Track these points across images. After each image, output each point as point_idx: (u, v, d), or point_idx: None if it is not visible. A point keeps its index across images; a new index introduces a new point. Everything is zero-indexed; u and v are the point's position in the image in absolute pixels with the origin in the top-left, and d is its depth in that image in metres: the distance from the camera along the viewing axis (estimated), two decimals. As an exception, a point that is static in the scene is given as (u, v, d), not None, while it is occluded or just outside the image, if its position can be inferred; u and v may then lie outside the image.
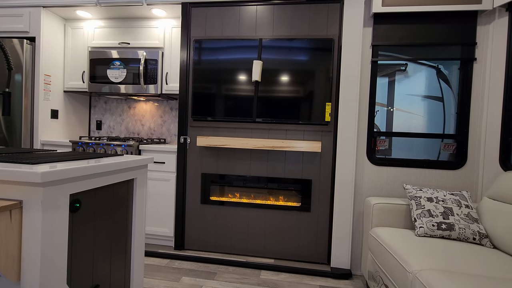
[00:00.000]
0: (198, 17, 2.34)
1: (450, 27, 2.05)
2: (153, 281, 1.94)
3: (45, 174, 0.80)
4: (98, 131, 3.14)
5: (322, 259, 2.26)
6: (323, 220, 2.25)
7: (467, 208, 1.68)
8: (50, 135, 2.69)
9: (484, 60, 2.02)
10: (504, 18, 1.90)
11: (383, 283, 1.55)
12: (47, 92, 2.62)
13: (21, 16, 2.53)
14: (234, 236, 2.36)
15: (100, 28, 2.71)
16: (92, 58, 2.65)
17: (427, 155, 2.28)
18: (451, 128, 2.18)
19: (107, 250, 1.16)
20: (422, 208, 1.71)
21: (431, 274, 1.17)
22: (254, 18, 2.27)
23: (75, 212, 0.97)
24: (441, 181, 2.08)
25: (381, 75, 2.33)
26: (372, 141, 2.17)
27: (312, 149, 2.13)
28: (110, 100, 3.10)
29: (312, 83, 2.17)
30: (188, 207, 2.41)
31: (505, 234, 1.50)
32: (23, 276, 0.82)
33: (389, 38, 2.11)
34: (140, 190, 1.34)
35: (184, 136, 2.38)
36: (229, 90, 2.26)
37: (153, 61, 2.57)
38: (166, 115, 3.01)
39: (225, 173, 2.36)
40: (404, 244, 1.50)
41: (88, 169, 0.97)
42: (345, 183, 2.14)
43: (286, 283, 2.00)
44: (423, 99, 2.31)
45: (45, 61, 2.58)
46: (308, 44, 2.17)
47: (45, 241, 0.83)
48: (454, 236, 1.60)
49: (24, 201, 0.82)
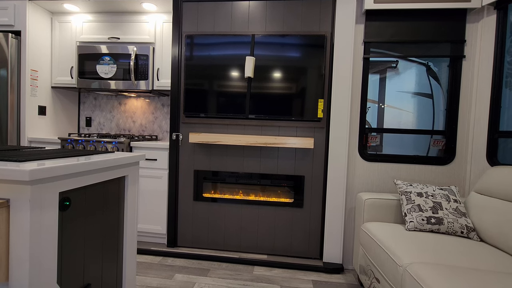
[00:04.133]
0: (189, 12, 2.31)
1: (440, 24, 2.08)
2: (145, 279, 1.92)
3: (33, 172, 0.78)
4: (88, 128, 3.08)
5: (314, 254, 2.29)
6: (316, 215, 2.27)
7: (456, 202, 1.72)
8: (38, 132, 2.62)
9: (472, 58, 2.06)
10: (492, 16, 1.93)
11: (374, 276, 1.58)
12: (34, 88, 2.55)
13: (6, 9, 2.45)
14: (227, 233, 2.36)
15: (88, 23, 2.64)
16: (80, 53, 2.59)
17: (417, 151, 2.32)
18: (440, 125, 2.22)
19: (99, 248, 1.14)
20: (412, 203, 1.75)
21: (420, 267, 1.20)
22: (246, 14, 2.25)
23: (64, 211, 0.95)
24: (430, 177, 2.12)
25: (372, 72, 2.35)
26: (364, 138, 2.19)
27: (304, 145, 2.14)
28: (100, 96, 3.04)
29: (305, 80, 2.17)
30: (180, 204, 2.40)
31: (491, 228, 1.54)
32: (11, 276, 0.81)
33: (381, 35, 2.13)
34: (131, 188, 1.32)
35: (176, 132, 2.36)
36: (221, 87, 2.25)
37: (144, 56, 2.52)
38: (157, 112, 2.97)
39: (217, 170, 2.36)
40: (395, 239, 1.53)
41: (78, 166, 0.95)
42: (337, 179, 2.16)
43: (279, 278, 2.01)
44: (413, 96, 2.35)
45: (31, 56, 2.51)
46: (300, 40, 2.16)
47: (33, 241, 0.81)
48: (443, 230, 1.64)
49: (11, 200, 0.80)
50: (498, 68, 1.89)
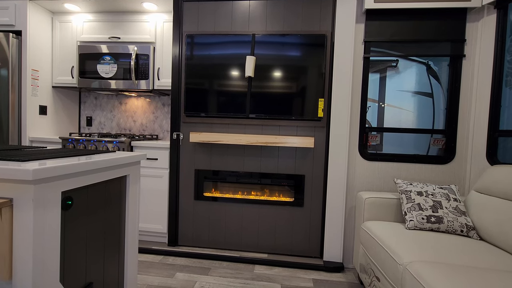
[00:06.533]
0: (190, 12, 2.31)
1: (440, 24, 2.08)
2: (147, 278, 1.93)
3: (37, 171, 0.79)
4: (88, 128, 3.09)
5: (315, 253, 2.29)
6: (316, 214, 2.28)
7: (455, 201, 1.73)
8: (39, 131, 2.63)
9: (472, 57, 2.06)
10: (492, 16, 1.93)
11: (375, 275, 1.59)
12: (34, 87, 2.55)
13: (6, 8, 2.45)
14: (227, 232, 2.37)
15: (89, 22, 2.65)
16: (81, 53, 2.59)
17: (417, 150, 2.33)
18: (440, 124, 2.22)
19: (100, 247, 1.15)
20: (412, 202, 1.75)
21: (420, 266, 1.21)
22: (247, 13, 2.26)
23: (67, 210, 0.96)
24: (430, 176, 2.13)
25: (372, 71, 2.36)
26: (364, 137, 2.20)
27: (305, 144, 2.14)
28: (101, 95, 3.05)
29: (305, 79, 2.17)
30: (181, 204, 2.40)
31: (490, 226, 1.55)
32: (15, 275, 0.81)
33: (381, 34, 2.13)
34: (133, 187, 1.33)
35: (177, 132, 2.37)
36: (222, 86, 2.25)
37: (144, 56, 2.53)
38: (158, 111, 2.97)
39: (218, 169, 2.36)
40: (395, 237, 1.54)
41: (80, 166, 0.96)
42: (338, 178, 2.17)
43: (280, 277, 2.02)
44: (413, 95, 2.35)
45: (32, 56, 2.51)
46: (301, 39, 2.17)
47: (37, 240, 0.82)
48: (443, 228, 1.64)
49: (14, 199, 0.81)
50: (498, 67, 1.90)
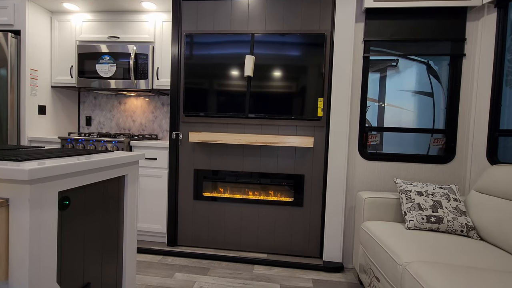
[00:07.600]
0: (189, 11, 2.31)
1: (440, 23, 2.07)
2: (145, 278, 1.93)
3: (33, 171, 0.78)
4: (87, 127, 3.08)
5: (314, 253, 2.29)
6: (316, 214, 2.27)
7: (455, 201, 1.72)
8: (38, 131, 2.62)
9: (473, 56, 2.05)
10: (492, 15, 1.92)
11: (374, 275, 1.58)
12: (33, 87, 2.55)
13: (5, 8, 2.45)
14: (227, 232, 2.36)
15: (88, 22, 2.64)
16: (80, 53, 2.59)
17: (417, 149, 2.32)
18: (441, 123, 2.22)
19: (98, 247, 1.14)
20: (412, 201, 1.75)
21: (420, 266, 1.20)
22: (246, 12, 2.25)
23: (64, 210, 0.95)
24: (430, 175, 2.12)
25: (372, 70, 2.35)
26: (364, 136, 2.19)
27: (304, 144, 2.14)
28: (100, 95, 3.04)
29: (305, 79, 2.17)
30: (180, 203, 2.40)
31: (490, 226, 1.54)
32: (11, 275, 0.81)
33: (381, 33, 2.12)
34: (131, 187, 1.32)
35: (176, 132, 2.36)
36: (221, 86, 2.24)
37: (143, 55, 2.52)
38: (157, 111, 2.97)
39: (217, 169, 2.36)
40: (395, 237, 1.53)
41: (78, 165, 0.95)
42: (337, 178, 2.16)
43: (279, 277, 2.02)
44: (413, 95, 2.34)
45: (31, 55, 2.51)
46: (300, 39, 2.16)
47: (33, 240, 0.81)
48: (443, 228, 1.63)
49: (10, 199, 0.80)
50: (499, 66, 1.89)
